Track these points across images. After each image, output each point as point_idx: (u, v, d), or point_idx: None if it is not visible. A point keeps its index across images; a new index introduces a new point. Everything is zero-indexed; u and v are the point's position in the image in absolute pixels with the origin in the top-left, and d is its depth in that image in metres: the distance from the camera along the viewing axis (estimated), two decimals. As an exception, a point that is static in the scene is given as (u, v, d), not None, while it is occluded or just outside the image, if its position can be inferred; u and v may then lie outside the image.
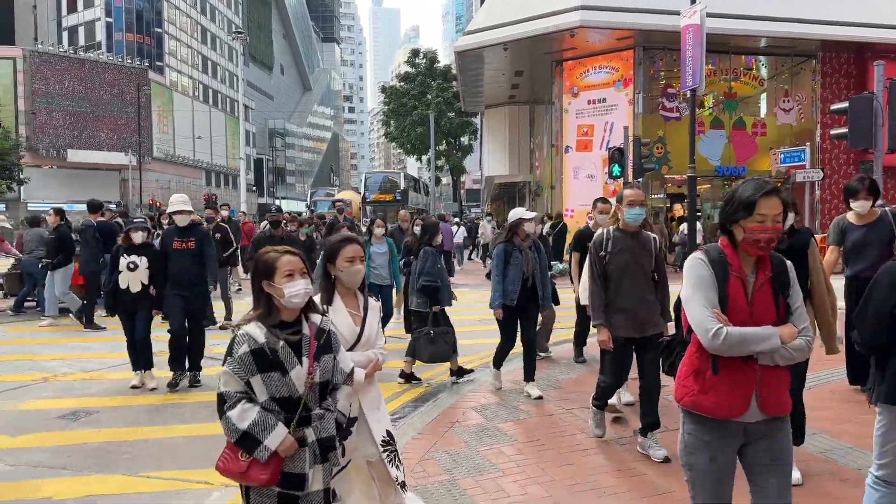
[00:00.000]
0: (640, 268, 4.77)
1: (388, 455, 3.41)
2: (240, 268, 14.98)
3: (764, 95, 24.26)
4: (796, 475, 4.23)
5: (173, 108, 64.84)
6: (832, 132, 11.77)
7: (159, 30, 67.72)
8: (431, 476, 4.52)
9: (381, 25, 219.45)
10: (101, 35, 64.42)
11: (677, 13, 18.82)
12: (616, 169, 17.07)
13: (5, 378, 7.41)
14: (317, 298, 3.23)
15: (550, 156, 24.63)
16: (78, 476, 4.73)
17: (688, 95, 18.76)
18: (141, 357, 6.97)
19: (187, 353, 7.09)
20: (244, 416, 2.53)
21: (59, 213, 10.84)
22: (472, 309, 11.28)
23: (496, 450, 5.00)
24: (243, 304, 13.07)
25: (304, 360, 2.62)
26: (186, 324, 7.09)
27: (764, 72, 23.98)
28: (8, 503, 4.30)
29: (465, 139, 55.31)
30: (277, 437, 2.55)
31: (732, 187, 2.78)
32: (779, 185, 23.62)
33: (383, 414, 3.50)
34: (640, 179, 18.82)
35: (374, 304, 3.49)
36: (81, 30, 65.53)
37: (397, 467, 3.45)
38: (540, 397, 6.31)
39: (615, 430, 5.39)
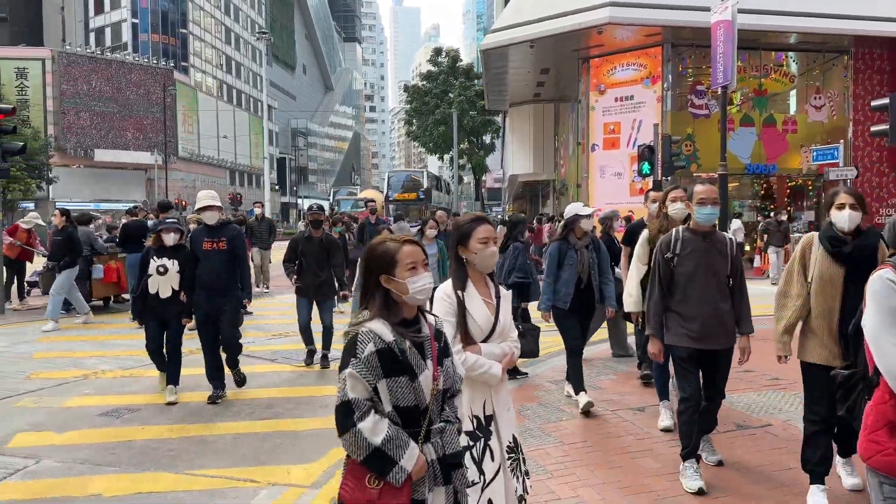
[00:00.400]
0: (712, 272, 4.21)
1: (511, 463, 3.04)
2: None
3: (794, 92, 23.89)
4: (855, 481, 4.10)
5: (198, 107, 65.44)
6: (872, 129, 11.52)
7: (184, 30, 68.37)
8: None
9: (402, 25, 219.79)
10: (127, 36, 65.19)
11: (707, 9, 18.60)
12: (646, 167, 16.88)
13: (46, 375, 7.48)
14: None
15: (576, 154, 24.43)
16: (125, 473, 4.74)
17: (718, 92, 18.52)
18: (170, 369, 6.57)
19: (222, 366, 6.66)
20: (377, 429, 2.16)
21: (65, 213, 10.91)
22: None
23: (542, 451, 4.93)
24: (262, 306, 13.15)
25: (429, 363, 2.30)
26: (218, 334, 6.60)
27: (794, 68, 23.60)
28: (57, 499, 4.32)
29: (487, 138, 55.23)
30: (412, 456, 2.19)
31: None
32: (808, 183, 23.40)
33: (512, 416, 3.15)
34: (669, 178, 18.62)
35: (506, 293, 3.19)
36: (108, 31, 66.36)
37: (518, 478, 3.07)
38: (589, 406, 5.83)
39: (666, 435, 5.30)
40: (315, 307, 8.05)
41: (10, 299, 12.77)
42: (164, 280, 6.36)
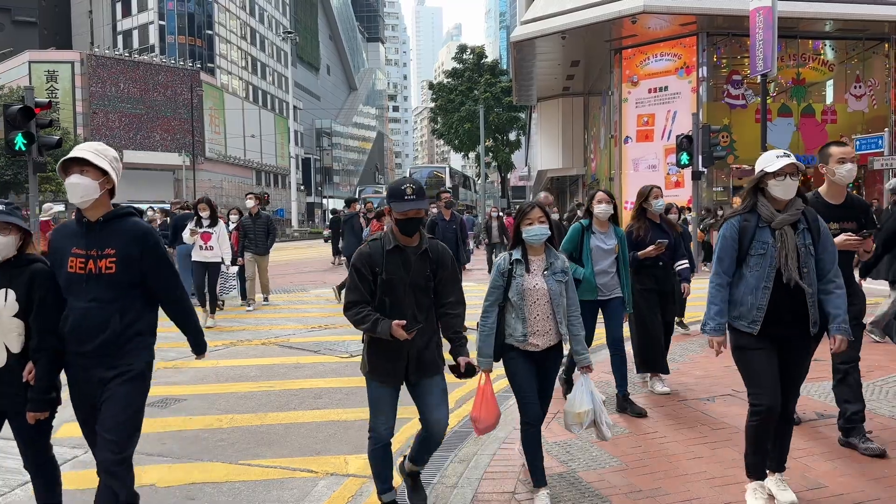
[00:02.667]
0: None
1: None
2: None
3: (830, 82, 23.31)
4: None
5: (224, 108, 65.84)
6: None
7: (210, 32, 68.86)
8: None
9: (424, 24, 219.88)
10: (154, 38, 65.81)
11: (744, -4, 18.21)
12: (685, 157, 16.50)
13: (89, 366, 7.36)
14: None
15: (609, 147, 24.08)
16: (177, 463, 4.58)
17: (758, 81, 18.08)
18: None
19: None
20: None
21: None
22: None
23: (611, 442, 4.66)
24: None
25: None
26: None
27: (831, 56, 23.02)
28: (111, 490, 4.15)
29: (512, 135, 54.88)
30: None
31: None
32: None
33: None
34: (705, 170, 18.22)
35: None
36: (136, 33, 67.04)
37: None
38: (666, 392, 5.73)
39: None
40: None
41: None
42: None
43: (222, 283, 10.28)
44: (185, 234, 9.85)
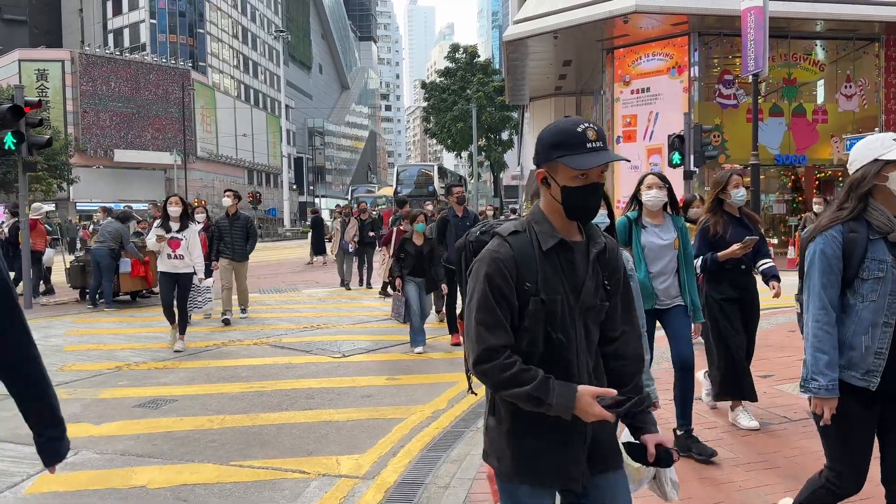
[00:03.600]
0: None
1: None
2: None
3: (821, 82, 23.39)
4: None
5: (216, 107, 65.62)
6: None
7: (201, 31, 68.60)
8: None
9: (417, 23, 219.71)
10: (145, 37, 65.50)
11: (736, -4, 18.27)
12: (676, 157, 16.52)
13: (79, 367, 7.32)
14: None
15: (601, 146, 24.11)
16: (168, 464, 4.54)
17: (749, 80, 18.15)
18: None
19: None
20: None
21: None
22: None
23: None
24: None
25: None
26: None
27: (822, 56, 23.09)
28: (101, 492, 4.12)
29: (504, 135, 54.91)
30: None
31: None
32: (839, 174, 22.88)
33: None
34: (696, 169, 18.26)
35: None
36: (126, 32, 66.74)
37: None
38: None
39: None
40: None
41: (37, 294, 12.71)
42: None
43: (193, 298, 8.80)
44: (150, 240, 8.17)
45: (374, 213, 18.42)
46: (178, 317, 8.07)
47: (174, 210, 8.01)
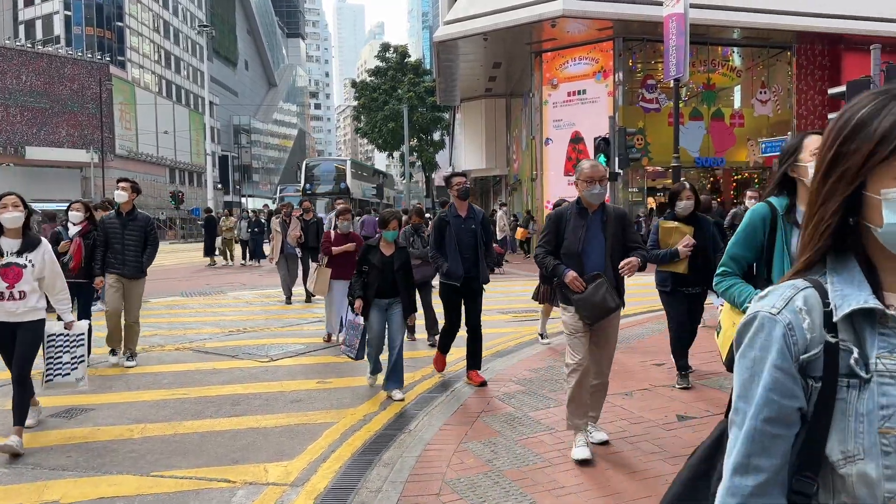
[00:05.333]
0: None
1: None
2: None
3: (738, 87, 24.38)
4: None
5: (136, 103, 63.27)
6: (830, 116, 11.71)
7: (120, 24, 66.06)
8: (473, 468, 4.21)
9: (346, 21, 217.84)
10: (59, 29, 62.58)
11: (656, 4, 18.81)
12: (602, 159, 16.88)
13: (-15, 376, 6.87)
14: None
15: (531, 148, 24.42)
16: (84, 477, 4.32)
17: (671, 85, 18.71)
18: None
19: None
20: None
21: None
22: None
23: (534, 440, 4.71)
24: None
25: None
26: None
27: (739, 63, 24.08)
28: (9, 509, 3.88)
29: (436, 135, 55.05)
30: None
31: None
32: (755, 175, 23.92)
33: None
34: (621, 171, 18.74)
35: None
36: (39, 23, 63.59)
37: None
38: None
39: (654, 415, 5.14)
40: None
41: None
42: None
43: (54, 360, 5.30)
44: None
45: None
46: (14, 394, 4.78)
47: (8, 217, 4.80)
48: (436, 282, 6.64)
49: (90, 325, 5.58)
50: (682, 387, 5.85)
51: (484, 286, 6.45)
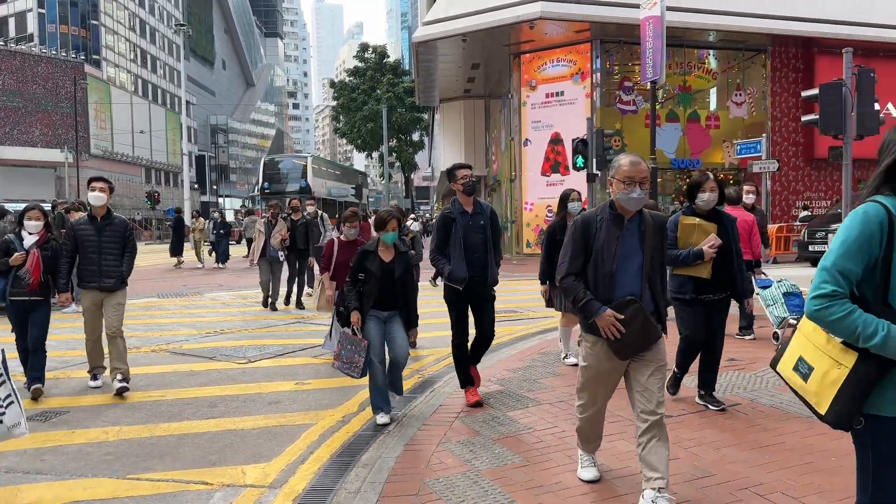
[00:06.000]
0: None
1: None
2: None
3: (714, 89, 24.69)
4: None
5: (111, 103, 62.52)
6: (803, 118, 11.92)
7: (95, 22, 65.25)
8: (452, 468, 4.22)
9: (325, 21, 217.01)
10: (33, 27, 61.66)
11: (634, 6, 18.97)
12: (580, 160, 17.01)
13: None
14: None
15: (510, 149, 24.52)
16: (58, 481, 4.26)
17: (648, 87, 18.88)
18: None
19: None
20: None
21: None
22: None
23: (513, 438, 4.74)
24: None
25: None
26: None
27: (715, 65, 24.39)
28: (-19, 514, 3.82)
29: (416, 135, 55.08)
30: None
31: None
32: (730, 177, 24.22)
33: None
34: (599, 172, 18.86)
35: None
36: (12, 21, 62.58)
37: None
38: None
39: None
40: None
41: None
42: None
43: None
44: None
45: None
46: None
47: None
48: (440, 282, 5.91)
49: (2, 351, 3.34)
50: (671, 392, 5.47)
51: (494, 290, 5.76)
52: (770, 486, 3.79)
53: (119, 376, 6.20)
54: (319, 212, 12.71)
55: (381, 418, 5.22)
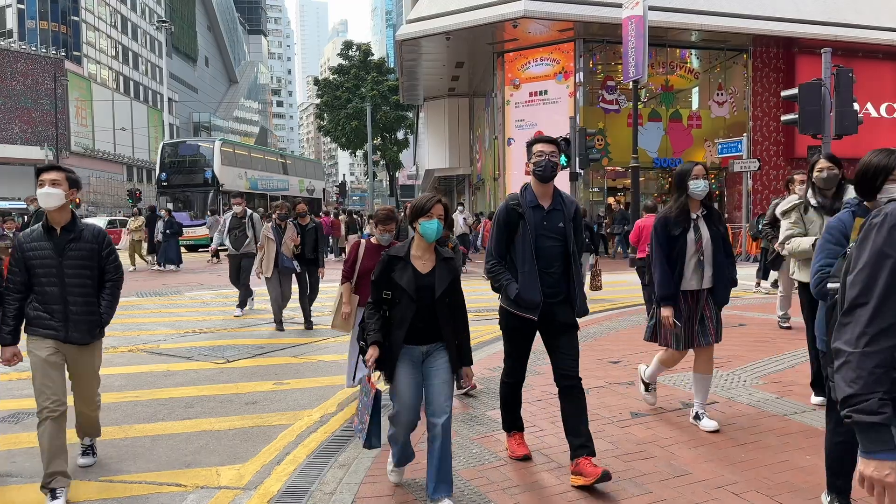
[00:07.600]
0: None
1: None
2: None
3: (696, 89, 24.87)
4: None
5: (92, 99, 61.85)
6: (783, 118, 12.02)
7: (76, 18, 64.52)
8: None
9: (309, 19, 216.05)
10: (12, 22, 60.88)
11: (617, 6, 19.05)
12: (563, 159, 17.01)
13: (-73, 381, 6.65)
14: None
15: (494, 148, 24.54)
16: (30, 483, 4.19)
17: (630, 86, 18.97)
18: None
19: None
20: None
21: None
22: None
23: (491, 438, 4.72)
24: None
25: None
26: None
27: (697, 65, 24.56)
28: (-52, 518, 3.75)
29: (400, 134, 54.99)
30: None
31: None
32: (711, 176, 24.36)
33: None
34: (582, 171, 18.93)
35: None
36: (-10, 16, 61.79)
37: None
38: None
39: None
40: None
41: None
42: None
43: None
44: None
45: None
46: None
47: None
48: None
49: None
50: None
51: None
52: (745, 484, 3.80)
53: (85, 446, 4.54)
54: (249, 211, 10.93)
55: (394, 477, 3.97)
